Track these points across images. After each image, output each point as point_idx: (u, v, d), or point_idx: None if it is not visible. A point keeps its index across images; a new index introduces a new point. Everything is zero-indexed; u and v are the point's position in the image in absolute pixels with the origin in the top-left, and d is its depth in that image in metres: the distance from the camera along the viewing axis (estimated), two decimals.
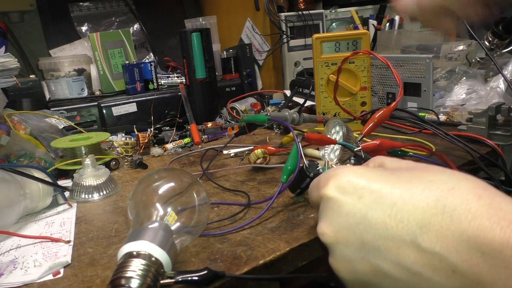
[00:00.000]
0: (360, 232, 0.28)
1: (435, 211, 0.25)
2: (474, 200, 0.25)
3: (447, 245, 0.24)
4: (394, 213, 0.27)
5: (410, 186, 0.27)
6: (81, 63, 1.22)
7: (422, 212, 0.26)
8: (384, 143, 0.60)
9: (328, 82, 0.89)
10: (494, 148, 0.69)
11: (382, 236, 0.27)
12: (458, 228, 0.24)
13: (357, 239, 0.28)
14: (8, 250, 0.50)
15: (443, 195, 0.26)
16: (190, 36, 1.03)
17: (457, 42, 1.13)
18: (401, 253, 0.26)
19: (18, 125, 0.82)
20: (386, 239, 0.26)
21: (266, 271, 0.43)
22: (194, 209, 0.45)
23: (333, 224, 0.30)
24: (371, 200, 0.28)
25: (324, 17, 1.36)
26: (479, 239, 0.23)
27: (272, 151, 0.74)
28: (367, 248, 0.27)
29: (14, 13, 1.37)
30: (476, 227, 0.24)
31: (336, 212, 0.30)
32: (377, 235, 0.27)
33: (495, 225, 0.23)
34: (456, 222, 0.24)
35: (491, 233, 0.23)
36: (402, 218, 0.26)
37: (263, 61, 1.41)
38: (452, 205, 0.25)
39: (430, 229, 0.25)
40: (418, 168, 0.30)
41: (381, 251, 0.27)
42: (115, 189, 0.68)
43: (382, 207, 0.27)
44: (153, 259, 0.36)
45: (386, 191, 0.28)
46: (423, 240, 0.25)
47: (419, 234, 0.25)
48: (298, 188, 0.56)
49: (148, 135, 0.89)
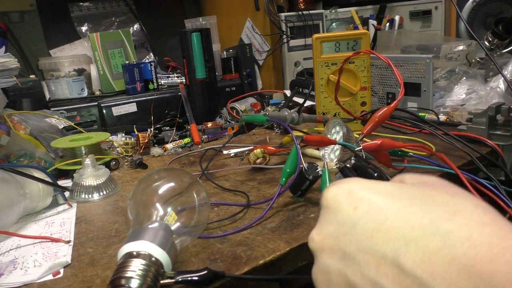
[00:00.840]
0: (345, 243, 0.26)
1: (426, 232, 0.23)
2: (476, 227, 0.22)
3: (432, 270, 0.21)
4: (384, 228, 0.25)
5: (410, 204, 0.25)
6: (81, 63, 1.22)
7: (411, 231, 0.23)
8: (385, 143, 0.60)
9: (328, 82, 0.89)
10: (494, 148, 0.69)
11: (364, 249, 0.25)
12: (449, 253, 0.21)
13: (340, 249, 0.27)
14: (8, 250, 0.50)
15: (442, 217, 0.23)
16: (190, 36, 1.03)
17: (457, 42, 1.13)
18: (380, 271, 0.24)
19: (18, 125, 0.82)
20: (367, 253, 0.25)
21: (266, 271, 0.43)
22: (194, 209, 0.45)
23: (323, 231, 0.29)
24: (365, 212, 0.26)
25: (324, 17, 1.36)
26: (475, 269, 0.20)
27: (272, 151, 0.74)
28: (347, 260, 0.26)
29: (14, 13, 1.37)
30: (473, 256, 0.21)
31: (329, 220, 0.29)
32: (361, 247, 0.25)
33: (498, 256, 0.20)
34: (448, 247, 0.21)
35: (492, 265, 0.20)
36: (390, 234, 0.24)
37: (263, 61, 1.41)
38: (448, 228, 0.22)
39: (416, 250, 0.22)
40: (433, 185, 0.27)
41: (360, 266, 0.25)
42: (115, 189, 0.68)
43: (373, 220, 0.25)
44: (153, 259, 0.36)
45: (383, 205, 0.26)
46: (406, 260, 0.23)
47: (403, 254, 0.23)
48: (299, 190, 0.56)
49: (148, 135, 0.89)
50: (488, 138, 0.72)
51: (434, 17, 1.43)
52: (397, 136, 0.82)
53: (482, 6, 1.34)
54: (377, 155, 0.62)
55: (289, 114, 0.78)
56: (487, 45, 1.13)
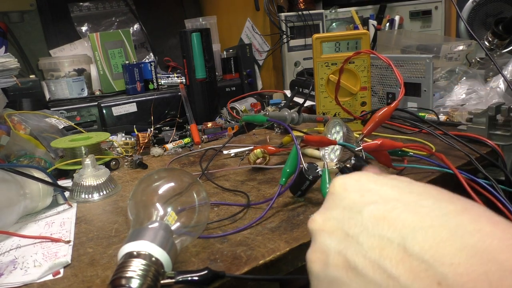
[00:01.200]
0: (349, 226, 0.26)
1: (435, 223, 0.23)
2: (487, 223, 0.22)
3: (441, 255, 0.21)
4: (392, 216, 0.24)
5: (419, 198, 0.25)
6: (81, 63, 1.22)
7: (419, 222, 0.23)
8: (385, 143, 0.60)
9: (328, 82, 0.89)
10: (494, 148, 0.69)
11: (370, 233, 0.25)
12: (459, 242, 0.21)
13: (343, 231, 0.26)
14: (8, 250, 0.50)
15: (451, 212, 0.23)
16: (190, 36, 1.03)
17: (457, 42, 1.13)
18: (384, 254, 0.23)
19: (18, 125, 0.82)
20: (372, 237, 0.24)
21: (266, 271, 0.43)
22: (194, 209, 0.45)
23: (327, 214, 0.28)
24: (372, 200, 0.26)
25: (324, 17, 1.36)
26: (485, 256, 0.20)
27: (272, 151, 0.74)
28: (349, 242, 0.25)
29: (14, 13, 1.37)
30: (484, 246, 0.20)
31: (334, 205, 0.28)
32: (365, 231, 0.25)
33: (509, 248, 0.20)
34: (459, 237, 0.21)
35: (504, 255, 0.20)
36: (397, 222, 0.24)
37: (263, 61, 1.41)
38: (459, 222, 0.22)
39: (424, 238, 0.22)
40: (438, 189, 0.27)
41: (362, 247, 0.24)
42: (115, 189, 0.68)
43: (380, 208, 0.25)
44: (153, 259, 0.36)
45: (392, 196, 0.26)
46: (413, 245, 0.22)
47: (410, 239, 0.22)
48: (299, 191, 0.56)
49: (148, 135, 0.89)
50: (488, 138, 0.72)
51: (434, 17, 1.43)
52: (397, 136, 0.82)
53: (482, 6, 1.34)
54: (377, 155, 0.62)
55: (289, 114, 0.78)
56: (487, 45, 1.13)
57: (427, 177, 0.62)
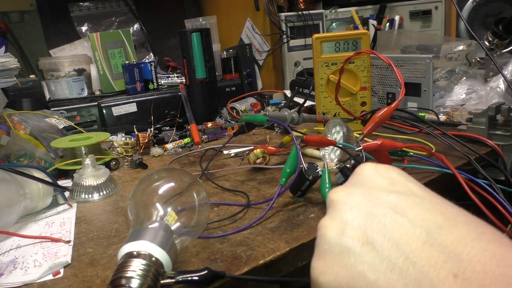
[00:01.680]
0: (373, 205, 0.26)
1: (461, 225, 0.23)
2: None
3: (462, 252, 0.21)
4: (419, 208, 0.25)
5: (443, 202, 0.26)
6: (81, 63, 1.22)
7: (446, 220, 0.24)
8: (385, 143, 0.60)
9: (328, 82, 0.89)
10: (494, 148, 0.69)
11: (393, 218, 0.25)
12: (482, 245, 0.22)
13: (366, 208, 0.26)
14: (8, 250, 0.50)
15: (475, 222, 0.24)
16: (190, 36, 1.03)
17: (457, 42, 1.13)
18: (405, 238, 0.23)
19: (18, 125, 0.82)
20: (395, 222, 0.25)
21: (266, 271, 0.43)
22: (194, 209, 0.45)
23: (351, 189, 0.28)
24: (401, 190, 0.27)
25: (324, 17, 1.36)
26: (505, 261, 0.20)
27: (272, 151, 0.74)
28: (371, 220, 0.26)
29: (14, 13, 1.37)
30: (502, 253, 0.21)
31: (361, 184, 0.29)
32: (389, 214, 0.25)
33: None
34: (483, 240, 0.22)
35: None
36: (424, 215, 0.24)
37: (263, 61, 1.41)
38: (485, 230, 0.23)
39: (449, 235, 0.23)
40: None
41: (384, 227, 0.25)
42: (115, 189, 0.68)
43: (408, 199, 0.26)
44: (153, 259, 0.36)
45: (419, 193, 0.27)
46: (436, 237, 0.23)
47: (434, 232, 0.23)
48: (299, 191, 0.56)
49: (148, 135, 0.89)
50: (488, 138, 0.72)
51: (434, 17, 1.43)
52: (397, 136, 0.82)
53: (482, 6, 1.34)
54: (377, 155, 0.62)
55: (289, 114, 0.78)
56: (487, 45, 1.13)
57: (426, 177, 0.62)
